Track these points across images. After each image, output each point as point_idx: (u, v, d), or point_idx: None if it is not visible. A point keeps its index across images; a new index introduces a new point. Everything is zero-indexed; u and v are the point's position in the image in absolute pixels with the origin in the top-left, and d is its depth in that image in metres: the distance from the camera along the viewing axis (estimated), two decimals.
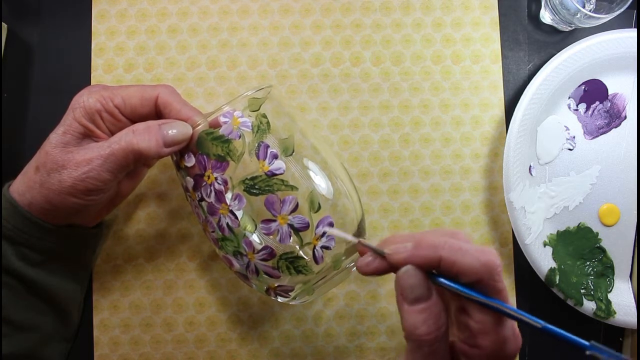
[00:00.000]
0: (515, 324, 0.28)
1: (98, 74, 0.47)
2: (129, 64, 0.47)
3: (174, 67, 0.47)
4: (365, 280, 0.47)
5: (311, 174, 0.36)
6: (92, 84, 0.47)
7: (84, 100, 0.36)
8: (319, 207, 0.35)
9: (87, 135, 0.36)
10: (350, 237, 0.34)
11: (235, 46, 0.48)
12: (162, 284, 0.46)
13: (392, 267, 0.29)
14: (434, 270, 0.28)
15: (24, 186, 0.36)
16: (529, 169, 0.47)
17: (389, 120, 0.48)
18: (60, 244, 0.38)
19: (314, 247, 0.35)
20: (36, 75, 0.47)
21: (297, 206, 0.34)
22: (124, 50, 0.47)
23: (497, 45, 0.49)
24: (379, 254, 0.29)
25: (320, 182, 0.36)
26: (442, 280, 0.28)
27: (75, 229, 0.39)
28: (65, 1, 0.48)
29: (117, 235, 0.46)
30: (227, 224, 0.35)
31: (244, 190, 0.34)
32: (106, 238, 0.46)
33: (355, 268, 0.37)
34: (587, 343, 0.25)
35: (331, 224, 0.35)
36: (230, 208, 0.34)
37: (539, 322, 0.27)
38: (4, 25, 0.46)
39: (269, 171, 0.34)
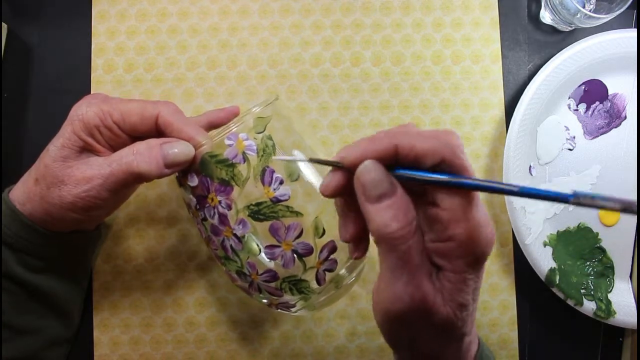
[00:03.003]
0: (486, 212, 0.27)
1: (98, 74, 0.47)
2: (129, 64, 0.47)
3: (174, 67, 0.47)
4: (365, 280, 0.47)
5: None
6: (92, 84, 0.47)
7: (82, 113, 0.34)
8: (324, 232, 0.34)
9: (86, 149, 0.35)
10: (298, 158, 0.33)
11: (235, 46, 0.48)
12: (162, 284, 0.46)
13: (352, 173, 0.27)
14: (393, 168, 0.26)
15: (24, 196, 0.36)
16: (529, 169, 0.47)
17: (389, 120, 0.48)
18: (61, 249, 0.38)
19: (317, 271, 0.35)
20: (36, 75, 0.47)
21: (301, 232, 0.34)
22: (124, 50, 0.47)
23: (497, 45, 0.49)
24: (334, 165, 0.28)
25: (327, 205, 0.35)
26: (403, 171, 0.26)
27: (76, 234, 0.39)
28: (65, 1, 0.48)
29: (117, 235, 0.46)
30: (231, 245, 0.34)
31: (249, 215, 0.34)
32: (105, 238, 0.46)
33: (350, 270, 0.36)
34: (568, 193, 0.23)
35: (334, 249, 0.34)
36: (234, 232, 0.34)
37: (515, 186, 0.24)
38: (4, 25, 0.46)
39: (274, 197, 0.33)
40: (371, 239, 0.29)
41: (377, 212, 0.26)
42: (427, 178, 0.26)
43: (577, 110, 0.48)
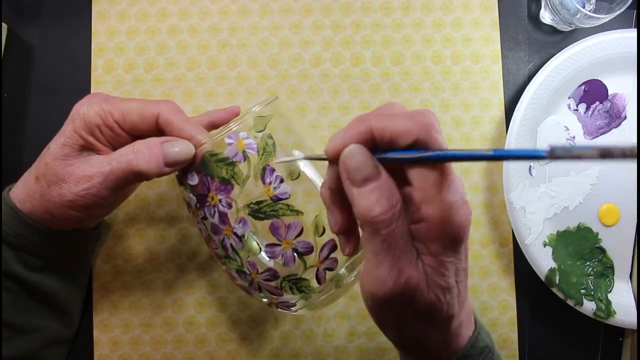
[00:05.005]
0: (463, 191, 0.26)
1: (98, 74, 0.47)
2: (129, 64, 0.47)
3: (174, 67, 0.47)
4: None
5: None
6: (92, 84, 0.47)
7: (84, 112, 0.35)
8: (324, 231, 0.34)
9: (86, 148, 0.35)
10: (294, 157, 0.34)
11: (235, 46, 0.48)
12: (162, 284, 0.46)
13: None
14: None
15: (24, 194, 0.36)
16: (529, 169, 0.47)
17: None
18: (61, 248, 0.38)
19: (317, 269, 0.34)
20: (36, 75, 0.47)
21: (302, 231, 0.34)
22: (124, 50, 0.47)
23: (497, 45, 0.49)
24: (322, 159, 0.28)
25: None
26: (380, 154, 0.26)
27: (76, 232, 0.39)
28: (65, 1, 0.48)
29: (117, 235, 0.46)
30: (231, 244, 0.34)
31: (249, 214, 0.34)
32: (105, 238, 0.46)
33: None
34: (542, 150, 0.22)
35: (335, 248, 0.34)
36: (235, 230, 0.34)
37: (488, 150, 0.24)
38: (4, 25, 0.46)
39: (274, 196, 0.33)
40: None
41: (361, 195, 0.26)
42: (400, 156, 0.26)
43: (577, 110, 0.48)
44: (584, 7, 0.47)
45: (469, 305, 0.31)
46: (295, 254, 0.34)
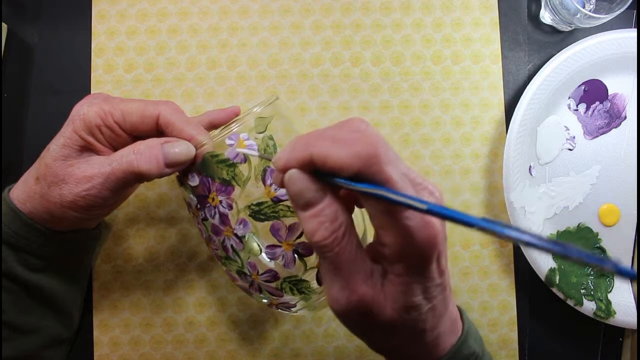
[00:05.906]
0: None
1: (98, 74, 0.47)
2: (129, 64, 0.47)
3: (174, 67, 0.47)
4: None
5: None
6: (92, 84, 0.47)
7: (84, 112, 0.35)
8: None
9: (87, 148, 0.35)
10: (251, 152, 0.33)
11: (235, 46, 0.48)
12: (162, 284, 0.46)
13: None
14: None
15: (24, 195, 0.36)
16: (529, 169, 0.47)
17: (389, 120, 0.48)
18: (61, 249, 0.38)
19: (318, 271, 0.34)
20: (36, 75, 0.47)
21: (302, 232, 0.34)
22: (124, 50, 0.47)
23: (497, 46, 0.49)
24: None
25: None
26: (326, 177, 0.25)
27: (76, 233, 0.39)
28: (65, 1, 0.48)
29: (117, 235, 0.46)
30: (232, 245, 0.34)
31: (250, 215, 0.34)
32: (105, 238, 0.46)
33: None
34: (475, 219, 0.21)
35: None
36: (235, 232, 0.34)
37: (422, 203, 0.23)
38: (4, 25, 0.46)
39: (275, 197, 0.33)
40: None
41: (304, 220, 0.26)
42: (343, 184, 0.25)
43: (577, 110, 0.48)
44: (584, 7, 0.47)
45: (452, 314, 0.30)
46: (296, 255, 0.34)
